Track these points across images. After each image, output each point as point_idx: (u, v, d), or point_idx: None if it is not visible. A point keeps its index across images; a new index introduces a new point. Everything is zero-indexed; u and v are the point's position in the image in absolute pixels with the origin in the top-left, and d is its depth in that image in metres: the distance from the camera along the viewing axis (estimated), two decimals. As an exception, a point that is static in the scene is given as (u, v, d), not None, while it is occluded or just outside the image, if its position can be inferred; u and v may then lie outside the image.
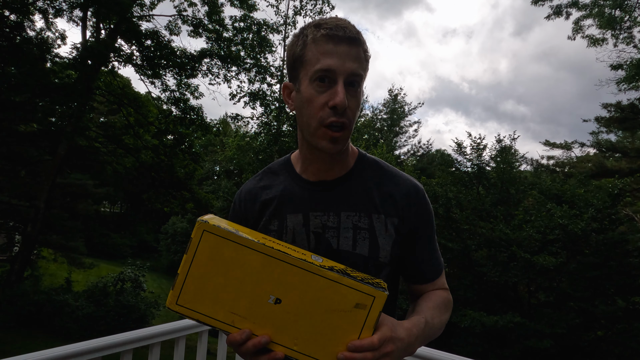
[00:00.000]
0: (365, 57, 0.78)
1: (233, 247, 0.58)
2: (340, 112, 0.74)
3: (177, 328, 1.65)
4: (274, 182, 0.90)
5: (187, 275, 0.58)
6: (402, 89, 32.61)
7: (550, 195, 11.49)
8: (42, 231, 11.48)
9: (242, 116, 15.19)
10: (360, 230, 0.81)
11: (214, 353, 2.01)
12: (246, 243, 0.59)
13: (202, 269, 0.58)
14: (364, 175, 0.87)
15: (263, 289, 0.60)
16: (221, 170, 26.44)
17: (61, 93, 10.34)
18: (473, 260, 12.07)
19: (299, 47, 0.78)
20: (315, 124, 0.76)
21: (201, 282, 0.58)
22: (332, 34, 0.74)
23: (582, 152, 18.31)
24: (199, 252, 0.57)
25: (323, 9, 13.96)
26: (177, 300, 0.58)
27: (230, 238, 0.58)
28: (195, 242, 0.57)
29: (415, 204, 0.85)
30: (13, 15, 10.18)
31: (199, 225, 0.57)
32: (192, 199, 14.56)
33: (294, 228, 0.83)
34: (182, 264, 0.58)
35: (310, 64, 0.75)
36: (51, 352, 1.25)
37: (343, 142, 0.77)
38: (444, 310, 0.84)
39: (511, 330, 9.73)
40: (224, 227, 0.58)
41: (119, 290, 11.42)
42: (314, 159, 0.85)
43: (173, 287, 0.58)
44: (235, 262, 0.58)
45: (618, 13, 10.29)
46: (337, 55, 0.73)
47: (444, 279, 0.93)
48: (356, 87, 0.77)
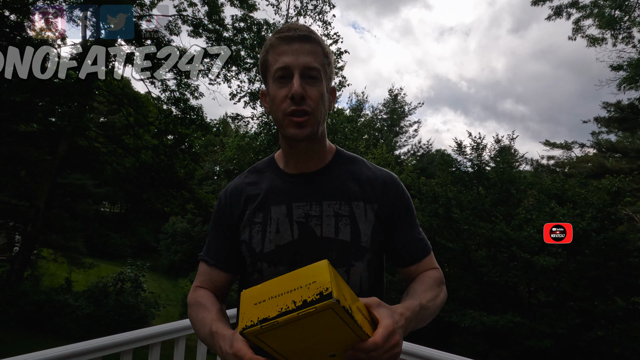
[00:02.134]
0: (323, 52, 0.86)
1: (340, 323, 0.58)
2: (298, 100, 0.81)
3: (177, 328, 1.65)
4: (259, 179, 0.96)
5: (283, 326, 0.57)
6: (402, 89, 32.61)
7: (550, 195, 11.49)
8: (42, 231, 11.48)
9: (242, 116, 15.23)
10: (342, 217, 0.86)
11: (214, 353, 2.02)
12: (352, 325, 0.59)
13: (300, 326, 0.57)
14: (342, 168, 0.94)
15: (331, 347, 0.62)
16: (221, 170, 26.43)
17: (61, 93, 10.35)
18: (473, 260, 12.08)
19: (263, 55, 0.87)
20: (281, 116, 0.84)
21: (290, 332, 0.58)
22: (284, 35, 0.83)
23: (582, 152, 18.35)
24: (310, 318, 0.56)
25: (324, 9, 13.95)
26: (257, 335, 0.58)
27: (345, 320, 0.58)
28: (313, 312, 0.56)
29: (392, 190, 0.93)
30: (13, 15, 10.19)
31: (330, 304, 0.55)
32: (192, 199, 14.56)
33: (278, 218, 0.88)
34: (286, 317, 0.56)
35: (272, 66, 0.84)
36: (51, 352, 1.25)
37: (308, 127, 0.83)
38: (437, 290, 0.88)
39: (511, 330, 9.74)
40: (346, 309, 0.57)
41: (119, 290, 11.41)
42: (292, 153, 0.91)
43: (262, 326, 0.56)
44: (329, 329, 0.59)
45: (618, 13, 10.30)
46: (291, 53, 0.82)
47: (433, 259, 0.97)
48: (316, 79, 0.83)
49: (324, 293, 0.55)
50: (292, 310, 0.56)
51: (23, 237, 11.36)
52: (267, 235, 0.87)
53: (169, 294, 17.71)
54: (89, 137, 13.04)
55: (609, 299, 10.36)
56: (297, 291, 0.58)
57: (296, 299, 0.57)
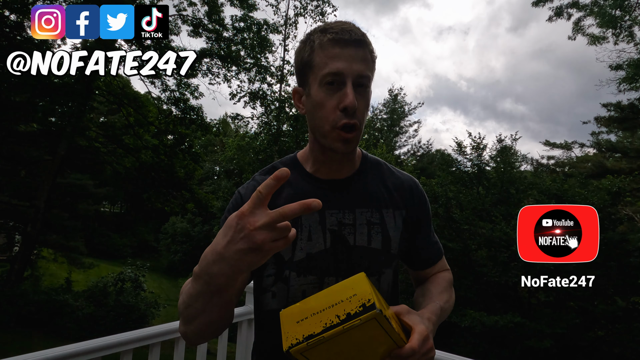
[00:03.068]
0: (372, 58, 0.80)
1: (382, 332, 0.59)
2: (351, 113, 0.76)
3: (177, 328, 1.64)
4: (288, 181, 0.89)
5: (329, 341, 0.58)
6: (402, 89, 32.61)
7: (550, 195, 11.48)
8: (42, 231, 11.48)
9: (242, 116, 15.23)
10: (374, 226, 0.85)
11: (214, 353, 2.01)
12: (392, 334, 0.60)
13: (345, 339, 0.58)
14: (370, 173, 0.92)
15: (371, 357, 0.63)
16: (221, 170, 26.44)
17: (61, 93, 10.35)
18: (473, 260, 12.07)
19: (307, 53, 0.80)
20: (328, 127, 0.78)
21: (335, 346, 0.59)
22: (339, 37, 0.76)
23: (582, 152, 18.34)
24: (355, 330, 0.58)
25: (324, 10, 13.94)
26: (303, 352, 0.58)
27: (386, 329, 0.59)
28: (358, 324, 0.57)
29: (417, 196, 0.93)
30: (13, 15, 10.19)
31: (374, 314, 0.56)
32: (192, 198, 14.57)
33: (310, 226, 0.83)
34: (332, 332, 0.57)
35: (319, 68, 0.77)
36: (51, 352, 1.24)
37: (355, 142, 0.80)
38: (450, 292, 0.91)
39: (511, 330, 9.73)
40: (387, 318, 0.59)
41: (119, 290, 11.41)
42: (326, 160, 0.86)
43: (308, 343, 0.57)
44: (371, 339, 0.60)
45: (618, 13, 10.30)
46: (345, 58, 0.76)
47: (445, 261, 1.00)
48: (364, 88, 0.79)
49: (366, 305, 0.57)
50: (337, 324, 0.57)
51: (23, 237, 11.37)
52: (298, 243, 0.81)
53: (169, 294, 17.71)
54: (89, 137, 13.04)
55: (609, 298, 10.36)
56: (340, 305, 0.60)
57: (339, 313, 0.58)
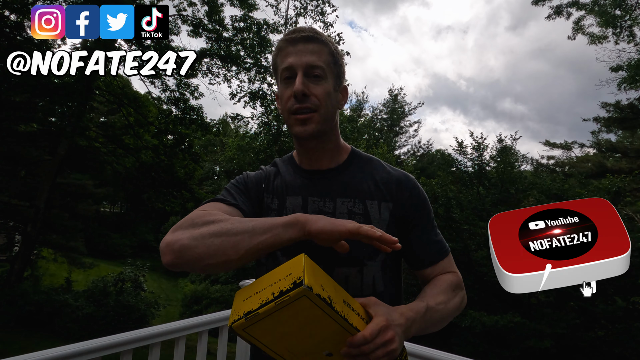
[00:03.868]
0: (329, 50, 0.86)
1: (320, 313, 0.60)
2: (300, 98, 0.82)
3: (177, 328, 1.65)
4: (281, 170, 0.97)
5: (266, 317, 0.59)
6: (402, 89, 32.61)
7: (550, 195, 11.48)
8: (42, 231, 11.48)
9: (242, 116, 15.19)
10: (355, 216, 0.85)
11: (214, 353, 2.01)
12: (333, 315, 0.61)
13: (282, 317, 0.60)
14: (357, 167, 0.94)
15: (324, 345, 0.64)
16: (221, 170, 26.44)
17: (61, 93, 10.34)
18: (473, 260, 12.07)
19: (273, 57, 0.90)
20: (287, 115, 0.86)
21: (275, 324, 0.61)
22: (289, 37, 0.85)
23: (582, 152, 18.31)
24: (288, 308, 0.59)
25: (324, 10, 13.92)
26: (245, 328, 0.60)
27: (323, 309, 0.60)
28: (288, 301, 0.58)
29: (407, 189, 0.91)
30: (13, 15, 10.19)
31: (302, 290, 0.57)
32: (192, 198, 14.56)
33: (294, 209, 0.88)
34: (265, 307, 0.58)
35: (279, 68, 0.87)
36: (51, 352, 1.25)
37: (312, 123, 0.84)
38: (451, 294, 0.86)
39: (511, 330, 9.73)
40: (322, 297, 0.60)
41: (119, 290, 11.41)
42: (302, 151, 0.93)
43: (246, 318, 0.59)
44: (313, 321, 0.61)
45: (618, 12, 10.29)
46: (295, 53, 0.84)
47: (450, 262, 0.94)
48: (319, 78, 0.84)
49: (297, 282, 0.58)
50: (270, 300, 0.59)
51: (23, 237, 11.36)
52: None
53: (169, 294, 17.72)
54: (89, 137, 13.03)
55: (609, 298, 10.36)
56: (276, 284, 0.61)
57: (275, 291, 0.60)
